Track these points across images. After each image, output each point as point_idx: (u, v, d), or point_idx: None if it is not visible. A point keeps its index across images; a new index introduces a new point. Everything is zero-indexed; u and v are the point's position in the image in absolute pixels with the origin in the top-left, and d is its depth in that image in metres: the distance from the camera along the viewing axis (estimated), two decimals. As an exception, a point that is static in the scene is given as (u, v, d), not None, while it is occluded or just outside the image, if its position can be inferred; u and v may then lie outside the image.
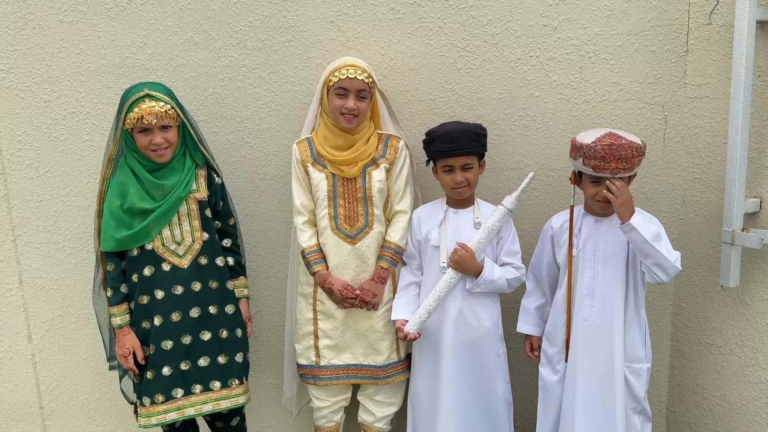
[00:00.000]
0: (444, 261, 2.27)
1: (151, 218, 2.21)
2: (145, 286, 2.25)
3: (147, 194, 2.22)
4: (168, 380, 2.26)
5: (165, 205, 2.21)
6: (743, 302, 2.31)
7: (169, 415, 2.27)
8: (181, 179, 2.25)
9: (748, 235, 2.17)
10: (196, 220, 2.29)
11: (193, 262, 2.28)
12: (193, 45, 2.59)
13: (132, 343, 2.27)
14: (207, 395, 2.30)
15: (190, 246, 2.28)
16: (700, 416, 2.51)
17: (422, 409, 2.36)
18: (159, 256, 2.25)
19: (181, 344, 2.27)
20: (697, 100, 2.36)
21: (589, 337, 2.15)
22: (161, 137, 2.18)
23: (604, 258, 2.14)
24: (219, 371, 2.32)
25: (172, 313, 2.26)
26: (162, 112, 2.15)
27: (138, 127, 2.15)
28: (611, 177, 2.03)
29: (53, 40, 2.66)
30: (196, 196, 2.29)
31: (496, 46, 2.44)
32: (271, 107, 2.58)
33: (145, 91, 2.16)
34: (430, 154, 2.29)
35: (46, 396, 3.04)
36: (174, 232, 2.25)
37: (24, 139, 2.78)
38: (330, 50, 2.50)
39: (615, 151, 1.99)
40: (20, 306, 2.95)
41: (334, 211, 2.36)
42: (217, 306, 2.33)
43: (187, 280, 2.27)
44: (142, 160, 2.23)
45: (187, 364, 2.28)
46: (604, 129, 2.08)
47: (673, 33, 2.34)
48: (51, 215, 2.84)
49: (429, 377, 2.33)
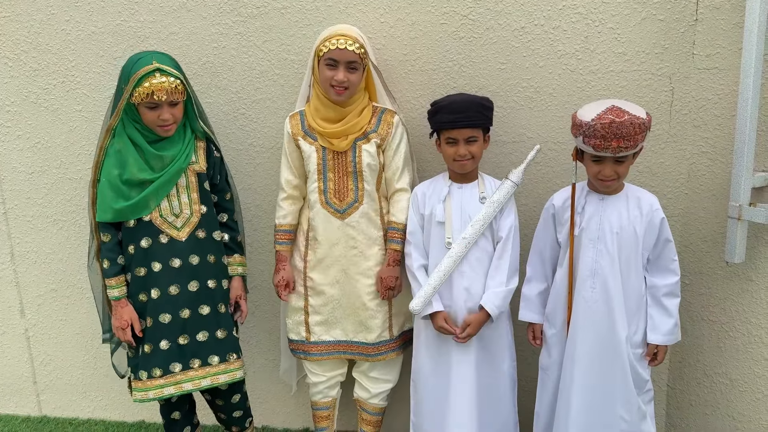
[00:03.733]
0: (449, 236, 2.22)
1: (150, 189, 2.15)
2: (143, 258, 2.20)
3: (146, 165, 2.16)
4: (166, 354, 2.22)
5: (165, 176, 2.16)
6: (748, 278, 2.27)
7: (167, 389, 2.22)
8: (181, 150, 2.20)
9: (755, 210, 2.12)
10: (195, 193, 2.24)
11: (191, 235, 2.24)
12: (185, 12, 2.52)
13: (130, 315, 2.22)
14: (205, 370, 2.27)
15: (189, 218, 2.23)
16: (701, 393, 2.49)
17: (427, 389, 2.31)
18: (157, 228, 2.20)
19: (179, 318, 2.23)
20: (705, 72, 2.29)
21: (589, 318, 2.10)
22: (169, 113, 2.12)
23: (607, 238, 2.07)
24: (217, 345, 2.28)
25: (170, 286, 2.22)
26: (172, 88, 2.09)
27: (146, 102, 2.09)
28: (613, 156, 1.97)
29: (41, 7, 2.59)
30: (195, 168, 2.25)
31: (500, 14, 2.36)
32: (267, 77, 2.51)
33: (155, 65, 2.08)
34: (434, 125, 2.22)
35: (39, 371, 3.02)
36: (172, 203, 2.21)
37: (13, 110, 2.72)
38: (327, 17, 2.43)
39: (616, 129, 1.90)
40: (12, 280, 2.91)
41: (323, 185, 2.31)
42: (216, 280, 2.29)
43: (184, 252, 2.22)
44: (143, 131, 2.17)
45: (186, 339, 2.24)
46: (607, 102, 1.99)
47: (682, 1, 2.26)
48: (42, 188, 2.79)
49: (435, 356, 2.28)
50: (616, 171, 2.01)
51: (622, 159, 2.00)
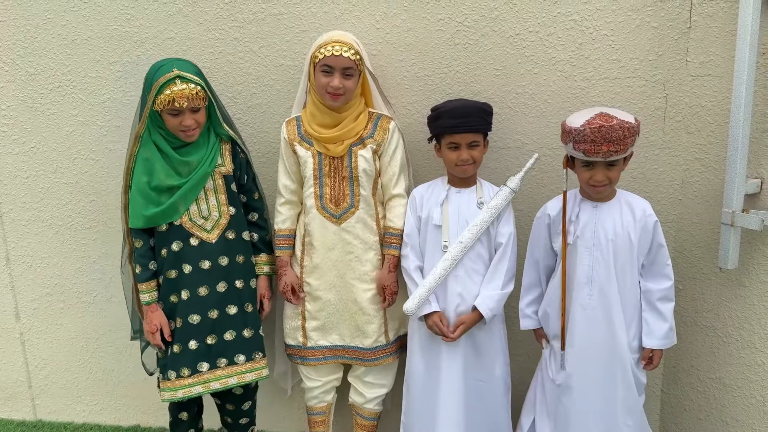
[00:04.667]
0: (446, 240, 2.23)
1: (178, 194, 2.21)
2: (174, 261, 2.26)
3: (173, 170, 2.22)
4: (194, 354, 2.27)
5: (192, 181, 2.22)
6: (741, 284, 2.28)
7: (195, 389, 2.28)
8: (206, 155, 2.24)
9: (748, 216, 2.13)
10: (223, 195, 2.29)
11: (221, 236, 2.29)
12: (182, 17, 2.52)
13: (159, 320, 2.28)
14: (232, 368, 2.32)
15: (218, 220, 2.28)
16: (694, 398, 2.50)
17: (419, 389, 2.33)
18: (187, 231, 2.25)
19: (208, 318, 2.28)
20: (699, 78, 2.31)
21: (587, 325, 2.11)
22: (191, 119, 2.17)
23: (603, 245, 2.09)
24: (244, 345, 2.33)
25: (200, 287, 2.27)
26: (193, 95, 2.13)
27: (168, 109, 2.13)
28: (604, 160, 1.98)
29: (38, 11, 2.60)
30: (222, 170, 2.29)
31: (495, 21, 2.38)
32: (263, 82, 2.52)
33: (175, 72, 2.12)
34: (436, 130, 2.23)
35: (34, 375, 3.02)
36: (201, 207, 2.26)
37: (9, 114, 2.72)
38: (323, 23, 2.44)
39: (605, 133, 1.92)
40: (8, 284, 2.91)
41: (319, 191, 2.32)
42: (243, 280, 2.35)
43: (214, 254, 2.28)
44: (167, 137, 2.22)
45: (213, 338, 2.29)
46: (595, 109, 2.01)
47: (676, 9, 2.28)
48: (38, 192, 2.79)
49: (427, 357, 2.30)
50: (608, 176, 2.03)
51: (613, 164, 2.01)
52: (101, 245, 2.80)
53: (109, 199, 2.74)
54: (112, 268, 2.81)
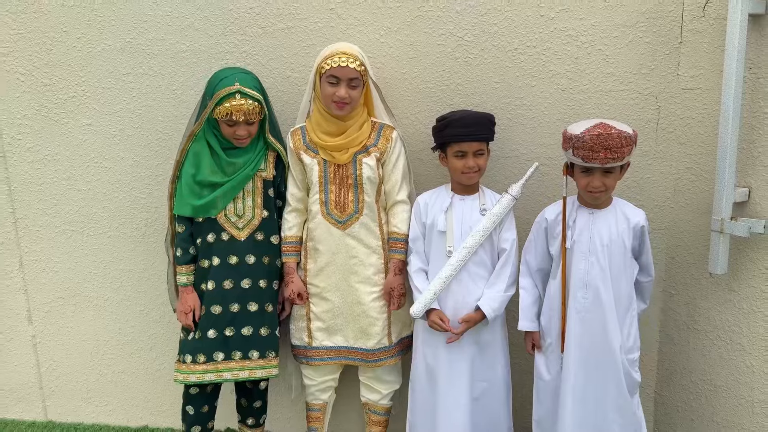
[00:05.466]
0: (451, 245, 2.31)
1: (218, 192, 2.36)
2: (206, 252, 2.41)
3: (219, 168, 2.37)
4: (211, 343, 2.40)
5: (232, 182, 2.36)
6: (731, 289, 2.37)
7: (207, 375, 2.41)
8: (251, 158, 2.38)
9: (736, 224, 2.22)
10: (259, 198, 2.42)
11: (250, 236, 2.42)
12: (193, 30, 2.61)
13: (193, 302, 2.43)
14: (245, 362, 2.44)
15: (250, 221, 2.41)
16: (687, 399, 2.58)
17: (423, 388, 2.41)
18: (220, 226, 2.40)
19: (228, 311, 2.41)
20: (689, 91, 2.40)
21: (582, 328, 2.19)
22: (245, 130, 2.32)
23: (598, 250, 2.17)
24: (260, 342, 2.45)
25: (225, 281, 2.40)
26: (249, 110, 2.27)
27: (225, 120, 2.27)
28: (602, 167, 2.08)
29: (54, 24, 2.68)
30: (263, 175, 2.43)
31: (494, 36, 2.47)
32: (271, 93, 2.59)
33: (237, 87, 2.25)
34: (442, 139, 2.31)
35: (46, 377, 3.08)
36: (237, 205, 2.40)
37: (24, 123, 2.80)
38: (329, 37, 2.53)
39: (604, 141, 2.02)
40: (21, 288, 2.98)
41: (325, 197, 2.41)
42: (267, 280, 2.46)
43: (242, 251, 2.41)
44: (220, 138, 2.37)
45: (231, 331, 2.41)
46: (595, 119, 2.11)
47: (668, 25, 2.37)
48: (51, 198, 2.87)
49: (431, 356, 2.38)
50: (604, 183, 2.12)
51: (609, 171, 2.10)
52: (112, 250, 2.88)
53: (120, 205, 2.83)
54: (123, 273, 2.90)
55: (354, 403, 2.81)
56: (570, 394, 2.21)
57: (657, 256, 2.50)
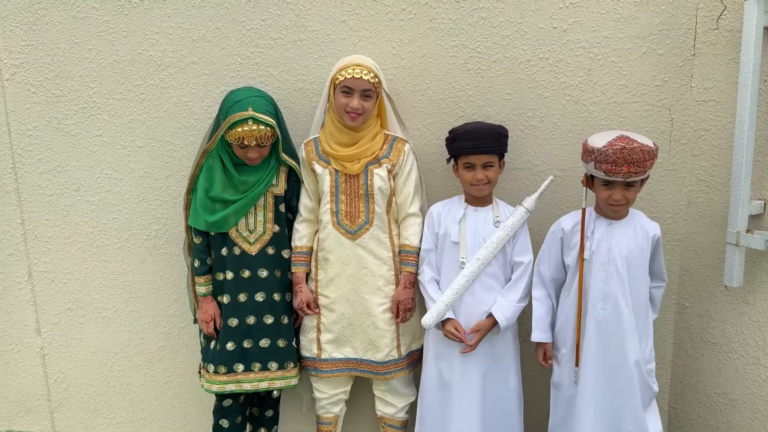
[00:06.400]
0: (464, 257, 2.31)
1: (229, 210, 2.37)
2: (220, 265, 2.45)
3: (230, 185, 2.39)
4: (230, 354, 2.44)
5: (244, 200, 2.38)
6: (746, 302, 2.35)
7: (228, 386, 2.46)
8: (263, 177, 2.40)
9: (752, 237, 2.21)
10: (270, 213, 2.44)
11: (261, 250, 2.44)
12: (205, 42, 2.61)
13: (214, 311, 2.47)
14: (264, 374, 2.48)
15: (261, 235, 2.43)
16: (701, 413, 2.56)
17: (434, 399, 2.39)
18: (232, 240, 2.42)
19: (245, 324, 2.44)
20: (703, 103, 2.39)
21: (601, 339, 2.18)
22: (257, 152, 2.33)
23: (617, 261, 2.16)
24: (278, 353, 2.48)
25: (239, 294, 2.44)
26: (261, 135, 2.28)
27: (237, 144, 2.30)
28: (623, 180, 2.06)
29: (65, 36, 2.68)
30: (274, 191, 2.44)
31: (507, 48, 2.47)
32: (283, 105, 2.59)
33: (249, 113, 2.26)
34: (453, 152, 2.32)
35: (54, 388, 3.06)
36: (248, 220, 2.42)
37: (35, 134, 2.80)
38: (341, 49, 2.53)
39: (627, 155, 2.01)
40: (29, 299, 2.97)
41: (335, 207, 2.40)
42: (281, 294, 2.49)
43: (254, 265, 2.43)
44: (232, 156, 2.38)
45: (249, 343, 2.45)
46: (616, 132, 2.10)
47: (681, 37, 2.37)
48: (61, 209, 2.86)
49: (442, 367, 2.36)
50: (625, 196, 2.11)
51: (631, 184, 2.10)
52: (121, 262, 2.87)
53: (130, 216, 2.82)
54: (132, 284, 2.88)
55: (365, 415, 2.79)
56: (590, 407, 2.19)
57: (670, 268, 2.50)
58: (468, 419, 2.31)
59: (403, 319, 2.42)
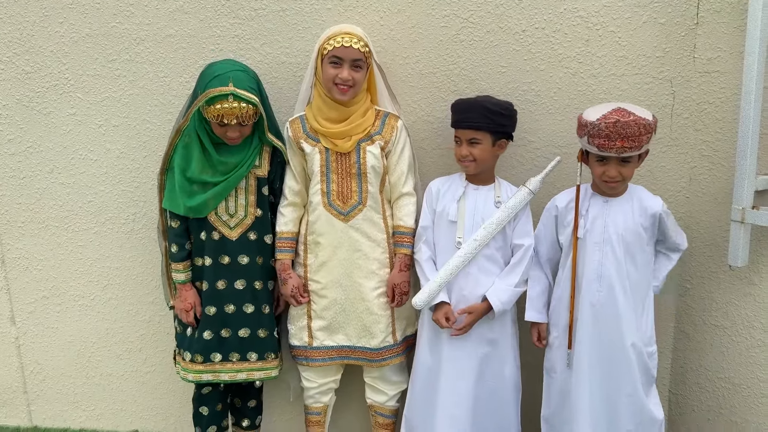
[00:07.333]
0: (460, 236, 2.20)
1: (209, 194, 2.24)
2: (199, 250, 2.33)
3: (209, 166, 2.24)
4: (207, 344, 2.33)
5: (225, 183, 2.24)
6: (750, 282, 2.27)
7: (204, 375, 2.35)
8: (245, 158, 2.26)
9: (758, 213, 2.12)
10: (252, 196, 2.31)
11: (242, 235, 2.31)
12: (182, 14, 2.49)
13: (193, 299, 2.34)
14: (242, 364, 2.37)
15: (242, 220, 2.30)
16: (703, 398, 2.48)
17: (423, 384, 2.31)
18: (211, 225, 2.29)
19: (224, 312, 2.33)
20: (706, 75, 2.29)
21: (596, 321, 2.09)
22: (237, 132, 2.19)
23: (613, 240, 2.07)
24: (258, 344, 2.37)
25: (218, 281, 2.32)
26: (243, 113, 2.13)
27: (216, 121, 2.14)
28: (618, 156, 1.96)
29: (35, 9, 2.55)
30: (257, 172, 2.31)
31: (501, 17, 2.36)
32: (265, 80, 2.46)
33: (230, 88, 2.10)
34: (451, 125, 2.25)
35: (30, 380, 2.96)
36: (229, 204, 2.29)
37: (4, 113, 2.68)
38: (326, 20, 2.41)
39: (620, 129, 1.91)
40: (3, 287, 2.86)
41: (326, 187, 2.29)
42: (262, 281, 2.36)
43: (234, 251, 2.30)
44: (211, 134, 2.24)
45: (228, 332, 2.34)
46: (613, 104, 2.00)
47: (683, 4, 2.26)
48: (34, 192, 2.74)
49: (434, 351, 2.28)
50: (621, 172, 2.01)
51: (626, 160, 2.00)
52: (99, 247, 2.75)
53: (106, 199, 2.70)
54: (110, 270, 2.77)
55: (355, 403, 2.70)
56: (586, 392, 2.11)
57: (671, 248, 2.41)
58: (456, 405, 2.22)
59: (399, 303, 2.32)
